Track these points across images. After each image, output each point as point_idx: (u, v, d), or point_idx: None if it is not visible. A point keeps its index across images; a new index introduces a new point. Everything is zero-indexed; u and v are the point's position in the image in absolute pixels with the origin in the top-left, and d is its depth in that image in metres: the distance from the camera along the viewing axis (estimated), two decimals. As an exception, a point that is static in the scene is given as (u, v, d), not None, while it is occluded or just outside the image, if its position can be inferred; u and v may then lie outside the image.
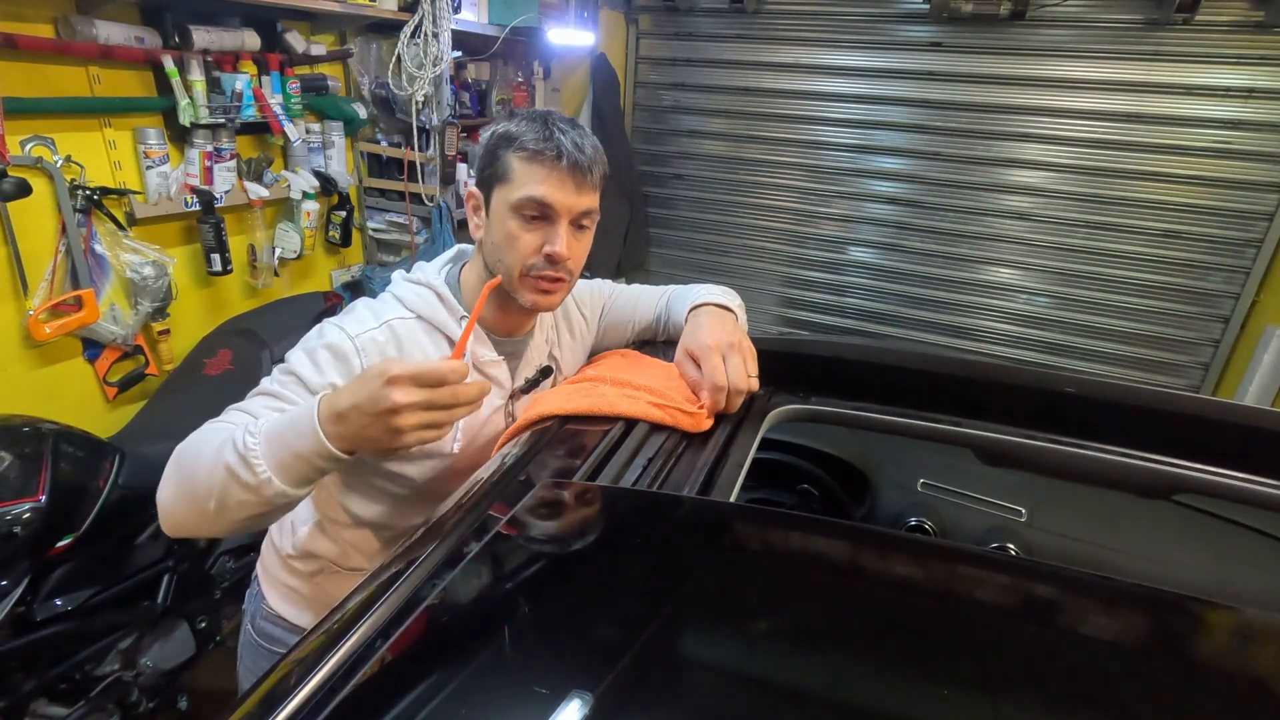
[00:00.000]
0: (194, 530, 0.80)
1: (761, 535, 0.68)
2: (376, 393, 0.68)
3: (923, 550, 0.72)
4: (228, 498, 0.73)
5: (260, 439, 0.73)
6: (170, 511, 0.79)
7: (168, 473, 0.80)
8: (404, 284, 0.98)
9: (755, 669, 0.51)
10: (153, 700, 1.68)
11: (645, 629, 0.51)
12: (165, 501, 0.79)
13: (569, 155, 0.88)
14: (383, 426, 0.69)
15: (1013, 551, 1.14)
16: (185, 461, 0.78)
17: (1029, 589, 0.61)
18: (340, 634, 0.51)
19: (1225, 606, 0.59)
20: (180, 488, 0.78)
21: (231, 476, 0.72)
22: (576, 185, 0.89)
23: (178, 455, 0.80)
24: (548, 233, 0.90)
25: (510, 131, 0.90)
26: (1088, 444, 0.94)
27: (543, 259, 0.90)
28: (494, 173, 0.91)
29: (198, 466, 0.76)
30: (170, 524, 0.80)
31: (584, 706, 0.42)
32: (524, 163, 0.89)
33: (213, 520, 0.76)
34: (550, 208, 0.89)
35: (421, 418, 0.69)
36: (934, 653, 0.51)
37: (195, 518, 0.77)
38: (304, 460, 0.72)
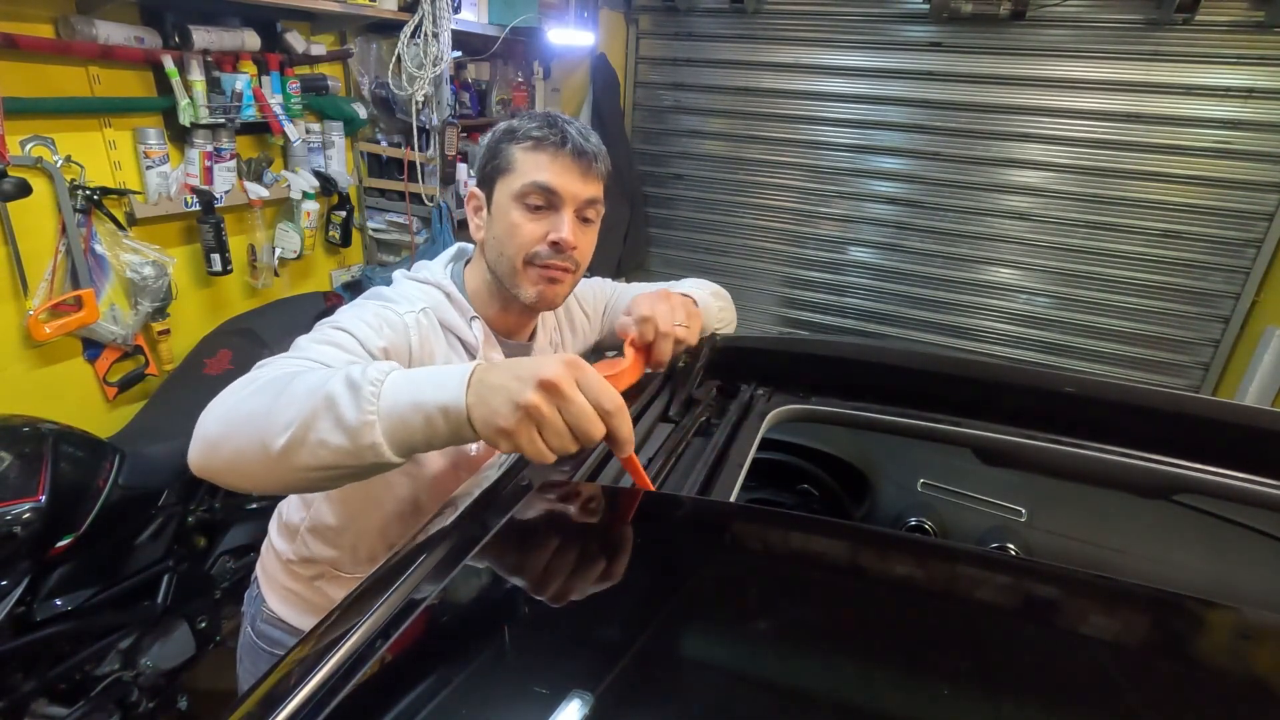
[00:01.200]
0: (230, 468, 0.67)
1: (761, 535, 0.68)
2: (540, 361, 0.62)
3: (923, 550, 0.72)
4: (310, 432, 0.62)
5: (389, 379, 0.64)
6: (216, 440, 0.67)
7: (228, 395, 0.69)
8: (409, 283, 0.96)
9: (755, 669, 0.51)
10: (153, 700, 1.68)
11: (645, 629, 0.51)
12: (214, 426, 0.67)
13: (574, 142, 0.88)
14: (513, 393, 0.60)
15: (1013, 551, 1.14)
16: (269, 387, 0.67)
17: (1029, 589, 0.61)
18: (340, 634, 0.51)
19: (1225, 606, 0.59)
20: (245, 412, 0.66)
21: (329, 409, 0.62)
22: (581, 172, 0.89)
23: (247, 380, 0.70)
24: (552, 220, 0.90)
25: (513, 126, 0.91)
26: (1088, 444, 0.94)
27: (548, 247, 0.90)
28: (496, 166, 0.91)
29: (282, 395, 0.65)
30: (207, 456, 0.68)
31: (584, 706, 0.41)
32: (527, 151, 0.89)
33: (270, 466, 0.64)
34: (555, 193, 0.88)
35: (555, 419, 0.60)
36: (934, 653, 0.51)
37: (249, 458, 0.65)
38: (422, 414, 0.62)
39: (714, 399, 1.01)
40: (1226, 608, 0.59)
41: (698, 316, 0.99)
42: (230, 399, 0.69)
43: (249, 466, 0.66)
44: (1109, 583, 0.62)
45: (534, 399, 0.59)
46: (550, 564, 0.61)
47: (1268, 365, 2.65)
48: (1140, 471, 0.92)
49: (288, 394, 0.65)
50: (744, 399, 1.01)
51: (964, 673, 0.49)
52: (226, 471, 0.68)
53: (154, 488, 1.61)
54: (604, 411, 0.62)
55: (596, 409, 0.61)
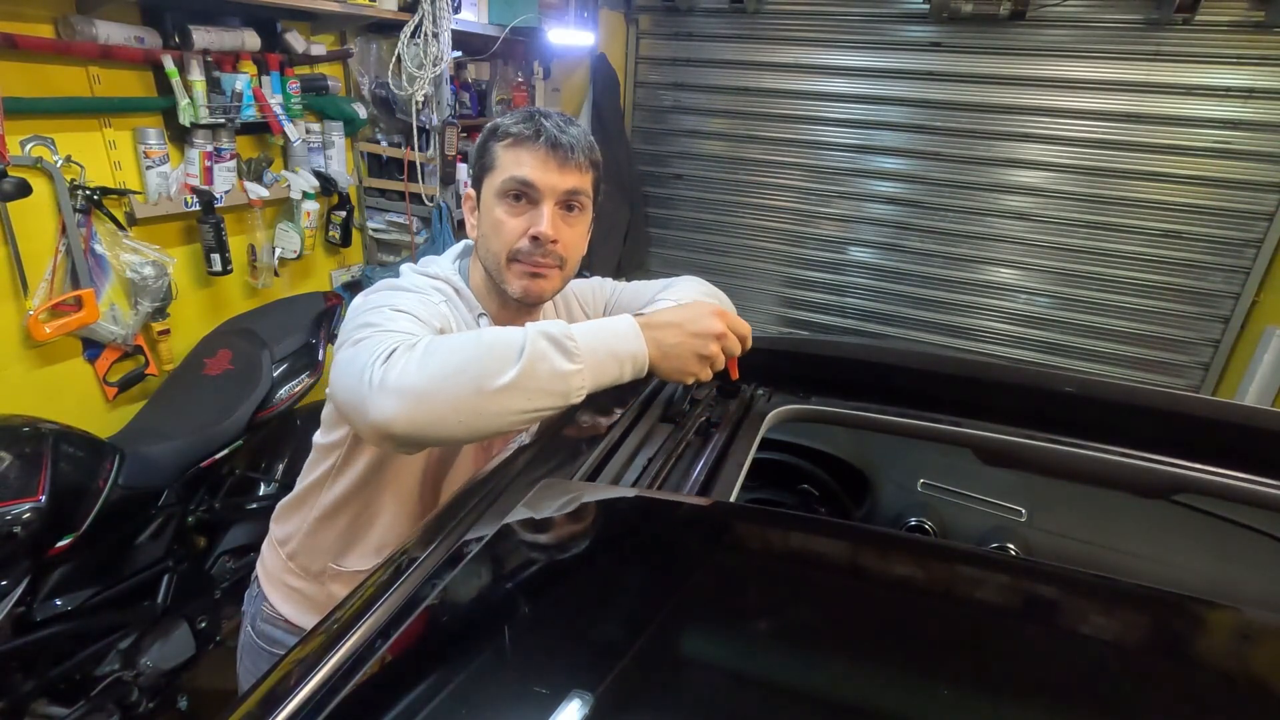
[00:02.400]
0: (438, 417, 0.72)
1: (761, 535, 0.68)
2: (705, 318, 0.84)
3: (923, 550, 0.72)
4: (530, 380, 0.73)
5: (576, 334, 0.77)
6: (423, 389, 0.72)
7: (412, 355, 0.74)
8: (418, 277, 0.97)
9: (755, 669, 0.51)
10: (153, 700, 1.68)
11: (645, 629, 0.51)
12: (416, 379, 0.72)
13: (547, 134, 0.89)
14: (700, 346, 0.82)
15: (1013, 551, 1.14)
16: (458, 345, 0.76)
17: (1029, 589, 0.61)
18: (340, 634, 0.51)
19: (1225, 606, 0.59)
20: (452, 365, 0.73)
21: (543, 359, 0.74)
22: (559, 164, 0.90)
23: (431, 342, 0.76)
24: (532, 215, 0.91)
25: (497, 124, 0.93)
26: (1088, 444, 0.94)
27: (528, 241, 0.90)
28: (483, 165, 0.93)
29: (485, 348, 0.75)
30: (416, 406, 0.72)
31: (584, 706, 0.41)
32: (507, 149, 0.90)
33: (483, 404, 0.72)
34: (532, 186, 0.89)
35: (719, 354, 0.84)
36: (934, 653, 0.51)
37: (463, 400, 0.72)
38: (618, 361, 0.79)
39: (714, 399, 1.01)
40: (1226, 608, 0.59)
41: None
42: (413, 359, 0.74)
43: (458, 414, 0.73)
44: (1109, 583, 0.62)
45: (715, 349, 0.84)
46: (550, 564, 0.61)
47: (1268, 365, 2.65)
48: (1140, 471, 0.92)
49: (489, 346, 0.75)
50: (744, 399, 1.01)
51: (964, 673, 0.49)
52: (433, 419, 0.73)
53: (154, 488, 1.61)
54: (743, 336, 0.88)
55: (740, 336, 0.87)
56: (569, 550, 0.63)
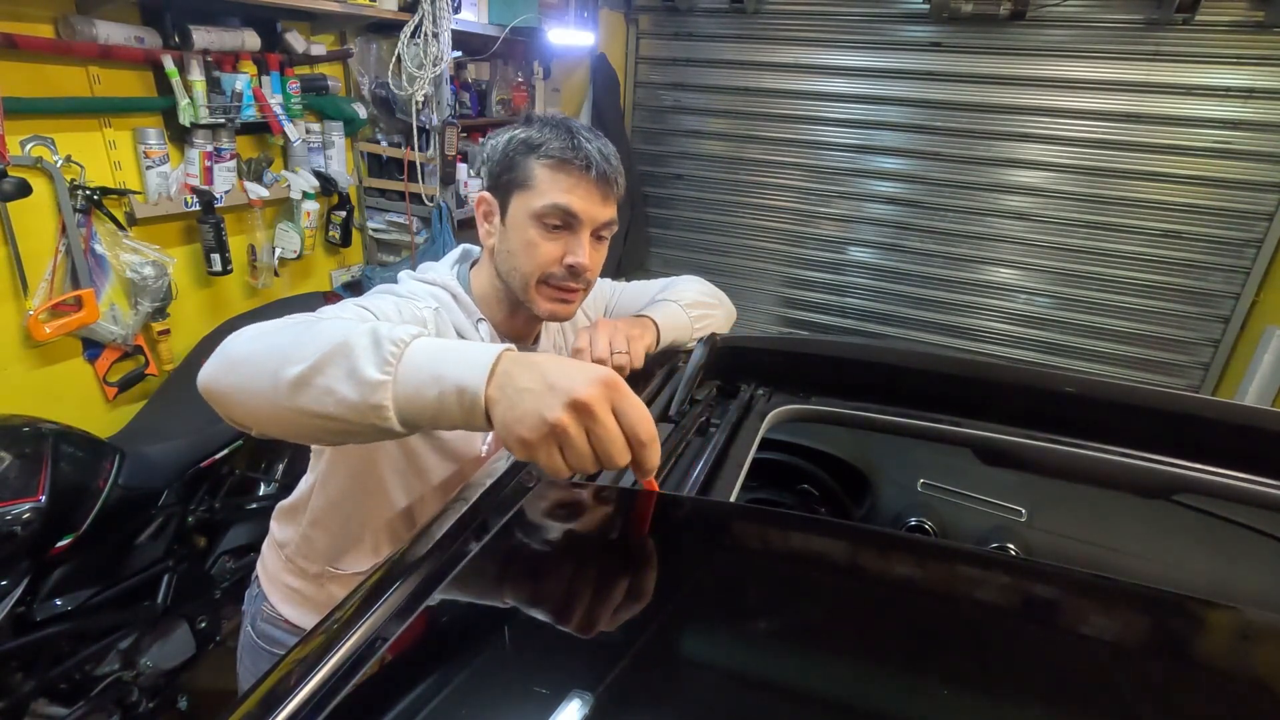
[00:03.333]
0: (236, 392, 0.65)
1: (761, 535, 0.68)
2: (576, 374, 0.56)
3: (923, 550, 0.72)
4: (320, 375, 0.60)
5: (416, 343, 0.60)
6: (234, 362, 0.66)
7: (253, 329, 0.68)
8: (415, 284, 0.96)
9: (755, 669, 0.51)
10: (153, 700, 1.68)
11: (645, 629, 0.51)
12: (238, 347, 0.66)
13: (597, 165, 0.87)
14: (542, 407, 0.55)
15: (1013, 551, 1.13)
16: (290, 323, 0.67)
17: (1029, 589, 0.61)
18: (340, 634, 0.51)
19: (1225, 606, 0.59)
20: (273, 344, 0.64)
21: (346, 356, 0.59)
22: (603, 196, 0.89)
23: (280, 321, 0.69)
24: (569, 242, 0.90)
25: (532, 138, 0.88)
26: (1088, 444, 0.94)
27: (564, 270, 0.90)
28: (513, 179, 0.90)
29: (310, 332, 0.63)
30: (219, 374, 0.66)
31: (584, 706, 0.41)
32: (549, 170, 0.87)
33: (273, 395, 0.62)
34: (575, 217, 0.88)
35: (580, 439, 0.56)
36: (934, 653, 0.51)
37: (258, 383, 0.63)
38: (437, 384, 0.58)
39: (714, 399, 1.01)
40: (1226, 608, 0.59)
41: (640, 339, 0.98)
42: (259, 328, 0.67)
43: (253, 395, 0.64)
44: (1109, 583, 0.62)
45: (563, 419, 0.55)
46: (550, 564, 0.61)
47: (1268, 365, 2.65)
48: (1140, 471, 0.92)
49: (312, 333, 0.63)
50: (744, 399, 1.01)
51: (964, 673, 0.49)
52: (231, 394, 0.65)
53: (154, 488, 1.61)
54: (637, 441, 0.57)
55: (630, 437, 0.57)
56: (569, 550, 0.63)
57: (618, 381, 0.58)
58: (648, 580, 0.59)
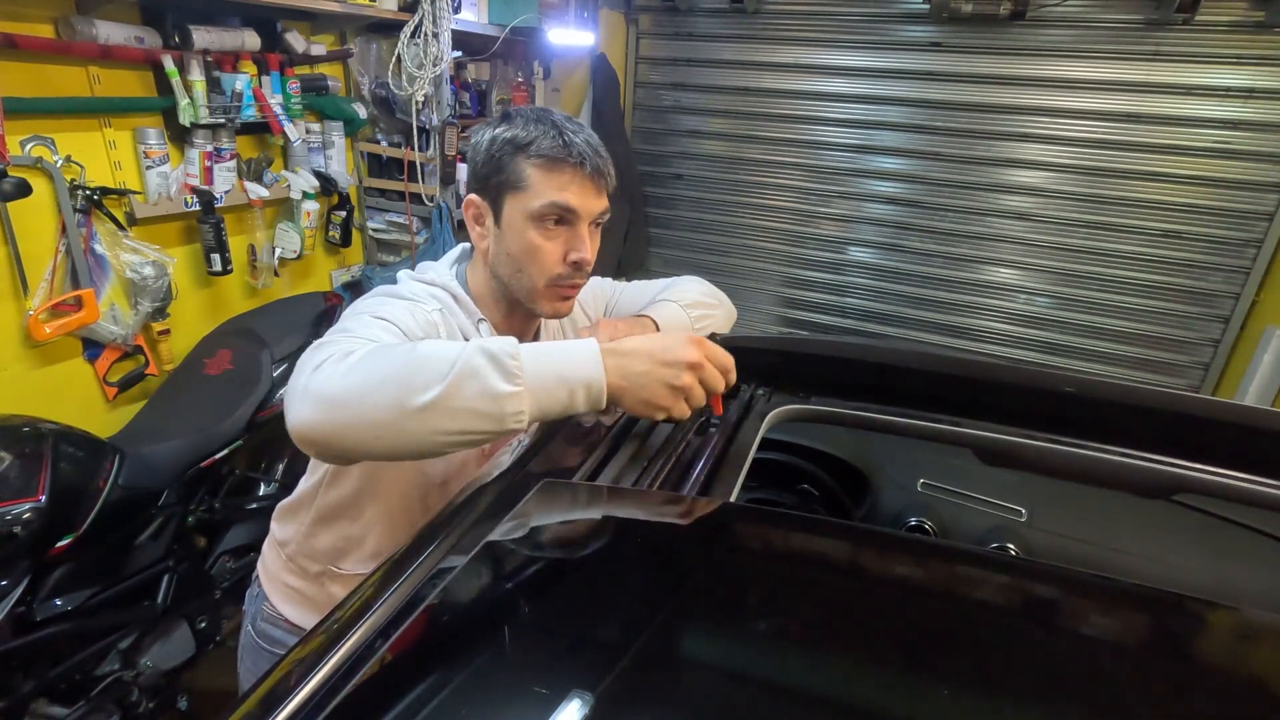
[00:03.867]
0: (351, 430, 0.67)
1: (761, 535, 0.68)
2: (678, 346, 0.73)
3: (923, 550, 0.72)
4: (456, 400, 0.65)
5: (522, 353, 0.69)
6: (340, 398, 0.67)
7: (342, 364, 0.69)
8: (415, 284, 0.96)
9: (755, 669, 0.51)
10: (153, 700, 1.68)
11: (645, 629, 0.51)
12: (338, 387, 0.67)
13: (590, 160, 0.87)
14: (671, 378, 0.72)
15: (1013, 551, 1.13)
16: (389, 355, 0.69)
17: (1029, 589, 0.61)
18: (340, 634, 0.51)
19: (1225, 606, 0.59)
20: (375, 375, 0.67)
21: (474, 378, 0.66)
22: (597, 189, 0.89)
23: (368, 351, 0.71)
24: (570, 239, 0.90)
25: (518, 137, 0.87)
26: (1088, 444, 0.94)
27: (569, 268, 0.90)
28: (504, 181, 0.89)
29: (414, 360, 0.67)
30: (326, 414, 0.67)
31: (584, 706, 0.41)
32: (541, 170, 0.87)
33: (401, 422, 0.66)
34: (574, 212, 0.88)
35: (697, 387, 0.74)
36: (934, 653, 0.51)
37: (380, 414, 0.66)
38: (568, 387, 0.70)
39: (714, 399, 1.01)
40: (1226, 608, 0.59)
41: None
42: (341, 367, 0.69)
43: (374, 429, 0.67)
44: (1109, 583, 0.62)
45: (687, 380, 0.73)
46: (550, 564, 0.61)
47: (1268, 365, 2.65)
48: (1140, 471, 0.92)
49: (419, 358, 0.68)
50: (744, 399, 1.01)
51: (964, 673, 0.49)
52: (343, 431, 0.67)
53: (154, 488, 1.61)
54: (724, 369, 0.76)
55: (721, 369, 0.76)
56: (569, 550, 0.63)
57: (699, 338, 0.76)
58: (648, 580, 0.59)
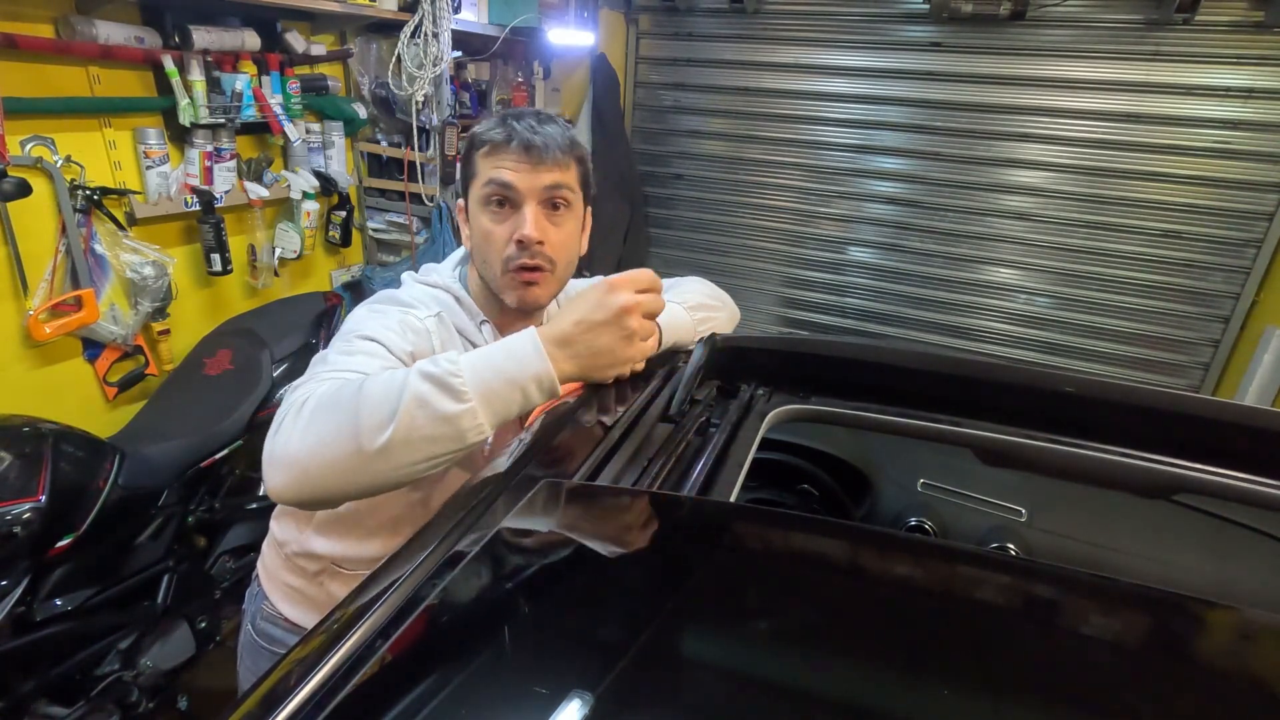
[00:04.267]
0: (324, 485, 0.69)
1: (761, 535, 0.68)
2: (604, 299, 0.75)
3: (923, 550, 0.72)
4: (411, 432, 0.66)
5: (464, 367, 0.69)
6: (303, 460, 0.68)
7: (304, 419, 0.69)
8: (418, 286, 0.97)
9: (756, 669, 0.51)
10: (153, 700, 1.68)
11: (645, 629, 0.51)
12: (298, 448, 0.68)
13: (519, 136, 0.88)
14: (616, 332, 0.74)
15: (1013, 551, 1.13)
16: (337, 401, 0.69)
17: (1029, 589, 0.61)
18: (340, 634, 0.51)
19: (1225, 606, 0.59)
20: (329, 427, 0.68)
21: (422, 407, 0.66)
22: (533, 163, 0.89)
23: (319, 400, 0.70)
24: (516, 220, 0.90)
25: (474, 133, 0.93)
26: (1088, 444, 0.94)
27: (514, 247, 0.90)
28: (466, 175, 0.94)
29: (361, 403, 0.67)
30: (297, 479, 0.68)
31: (584, 706, 0.41)
32: (485, 157, 0.90)
33: (366, 465, 0.67)
34: (511, 188, 0.89)
35: (644, 322, 0.76)
36: (934, 653, 0.51)
37: (344, 463, 0.67)
38: (518, 388, 0.71)
39: (714, 399, 1.01)
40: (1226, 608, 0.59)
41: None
42: (297, 426, 0.69)
43: (344, 478, 0.68)
44: (1109, 583, 0.62)
45: (635, 323, 0.76)
46: (550, 564, 0.61)
47: (1268, 365, 2.65)
48: (1140, 471, 0.92)
49: (365, 400, 0.68)
50: (744, 399, 1.01)
51: (964, 673, 0.49)
52: (320, 488, 0.69)
53: (154, 488, 1.61)
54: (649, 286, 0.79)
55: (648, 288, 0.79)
56: (569, 550, 0.63)
57: (615, 281, 0.78)
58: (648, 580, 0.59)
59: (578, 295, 0.79)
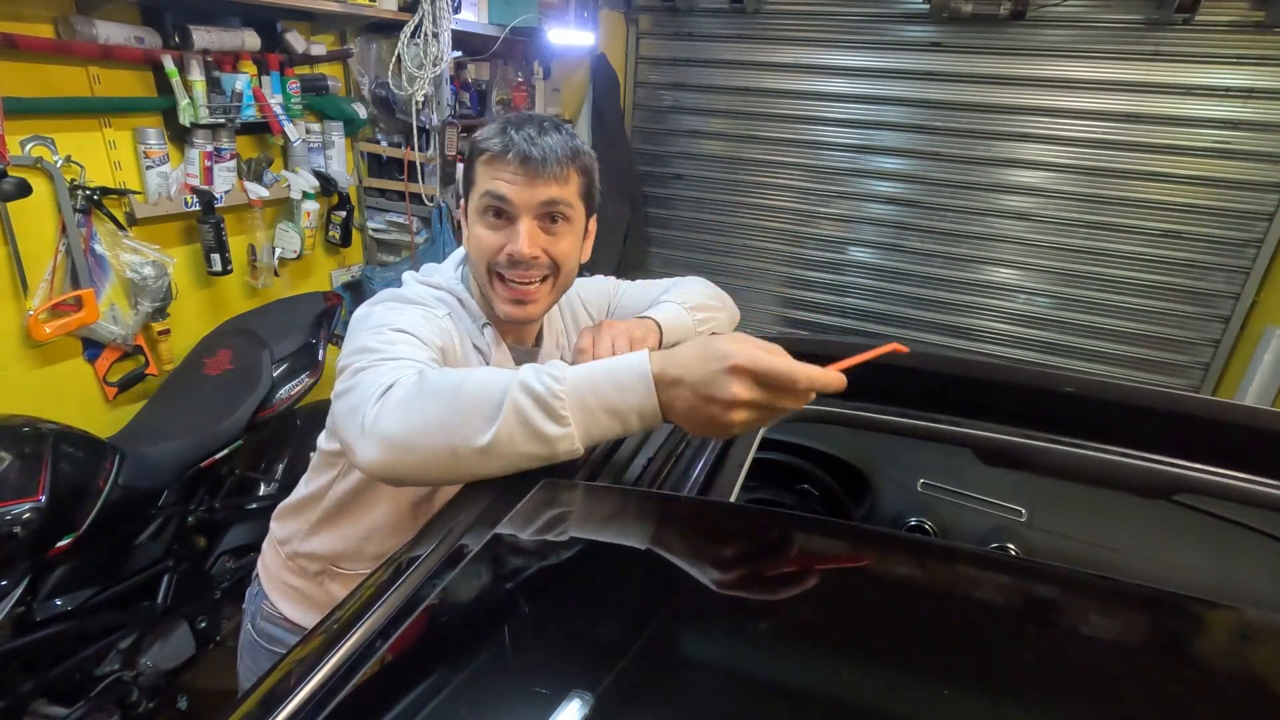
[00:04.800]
0: (420, 470, 0.70)
1: (761, 535, 0.68)
2: (716, 378, 0.64)
3: (923, 550, 0.72)
4: (509, 445, 0.66)
5: (568, 387, 0.67)
6: (406, 442, 0.69)
7: (392, 403, 0.71)
8: (421, 287, 0.96)
9: (755, 669, 0.51)
10: (153, 700, 1.68)
11: (645, 629, 0.51)
12: (399, 430, 0.69)
13: (517, 148, 0.87)
14: (713, 413, 0.65)
15: (1013, 551, 1.13)
16: (439, 392, 0.70)
17: (1029, 589, 0.61)
18: (340, 634, 0.51)
19: (1225, 606, 0.59)
20: (433, 419, 0.68)
21: (520, 421, 0.66)
22: (530, 177, 0.88)
23: (413, 388, 0.71)
24: (510, 232, 0.89)
25: (475, 139, 0.92)
26: (1088, 444, 0.94)
27: (504, 257, 0.89)
28: (467, 180, 0.93)
29: (463, 402, 0.68)
30: (397, 456, 0.70)
31: (584, 706, 0.41)
32: (484, 165, 0.90)
33: (462, 463, 0.68)
34: (506, 202, 0.88)
35: (753, 415, 0.66)
36: (934, 653, 0.51)
37: (442, 455, 0.68)
38: (618, 418, 0.67)
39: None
40: (1226, 608, 0.59)
41: (643, 343, 0.97)
42: (398, 409, 0.70)
43: (440, 467, 0.69)
44: (1109, 583, 0.62)
45: (734, 419, 0.65)
46: (550, 563, 0.61)
47: (1268, 365, 2.65)
48: (1140, 471, 0.92)
49: (466, 400, 0.68)
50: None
51: (964, 673, 0.49)
52: (414, 471, 0.71)
53: (154, 488, 1.61)
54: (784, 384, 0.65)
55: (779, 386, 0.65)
56: (569, 550, 0.63)
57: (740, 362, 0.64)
58: (648, 580, 0.59)
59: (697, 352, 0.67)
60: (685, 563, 0.62)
